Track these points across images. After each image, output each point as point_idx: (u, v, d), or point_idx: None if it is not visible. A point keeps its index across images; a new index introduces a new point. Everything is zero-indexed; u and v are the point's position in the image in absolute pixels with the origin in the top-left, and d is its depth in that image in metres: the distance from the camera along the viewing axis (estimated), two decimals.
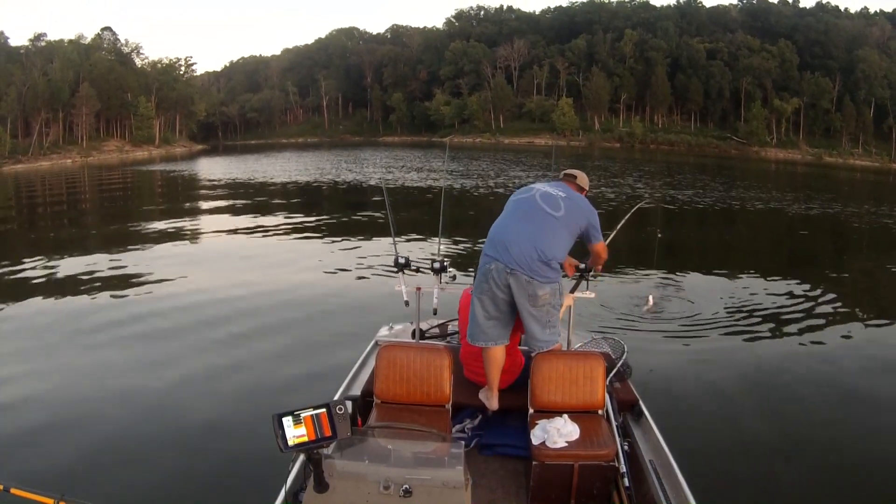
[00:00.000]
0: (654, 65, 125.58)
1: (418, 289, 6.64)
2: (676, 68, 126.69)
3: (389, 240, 8.45)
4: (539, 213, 5.14)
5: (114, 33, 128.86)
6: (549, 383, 4.97)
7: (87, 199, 41.52)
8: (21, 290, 13.97)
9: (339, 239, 20.48)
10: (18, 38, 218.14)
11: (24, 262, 17.06)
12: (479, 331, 5.23)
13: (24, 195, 45.11)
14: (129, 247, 19.71)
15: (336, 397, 5.40)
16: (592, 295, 6.39)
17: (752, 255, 19.28)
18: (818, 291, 14.03)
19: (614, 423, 4.92)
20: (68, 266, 16.77)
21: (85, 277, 15.34)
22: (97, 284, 14.49)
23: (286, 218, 25.83)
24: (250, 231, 22.59)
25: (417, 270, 6.73)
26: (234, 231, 22.73)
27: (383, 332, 7.22)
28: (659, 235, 17.15)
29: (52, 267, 16.64)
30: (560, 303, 5.31)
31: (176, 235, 22.12)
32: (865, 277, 16.32)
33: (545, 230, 5.07)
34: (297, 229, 22.69)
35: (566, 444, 4.53)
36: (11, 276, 15.74)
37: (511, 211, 5.34)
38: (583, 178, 5.72)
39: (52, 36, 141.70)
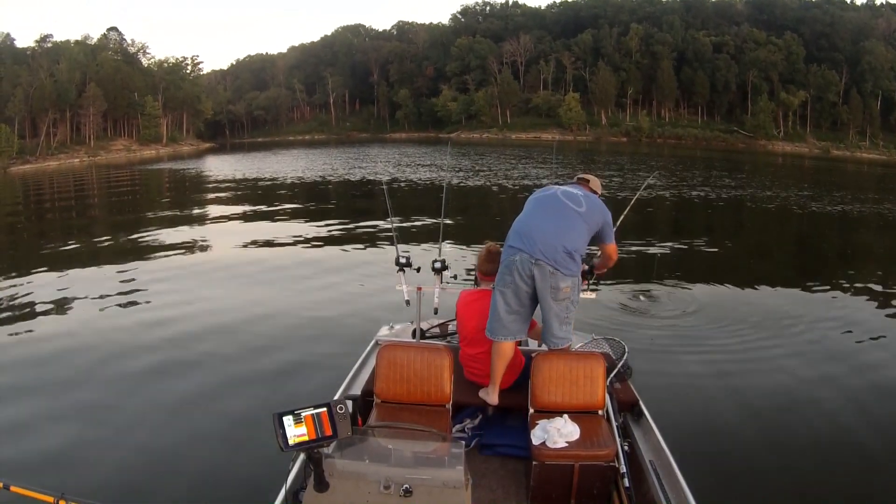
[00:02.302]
0: (660, 59, 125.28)
1: (419, 288, 6.67)
2: (682, 62, 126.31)
3: (391, 239, 8.47)
4: (563, 208, 5.25)
5: (120, 33, 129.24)
6: (549, 383, 4.98)
7: (96, 198, 41.56)
8: (25, 295, 13.98)
9: (341, 238, 20.51)
10: (24, 40, 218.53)
11: (30, 262, 17.12)
12: (499, 325, 5.25)
13: (33, 195, 45.24)
14: (136, 245, 19.87)
15: (336, 397, 5.43)
16: (593, 295, 6.41)
17: (759, 254, 19.15)
18: (825, 289, 13.97)
19: (614, 424, 4.92)
20: (73, 264, 16.88)
21: (89, 278, 15.41)
22: (102, 284, 14.51)
23: (290, 216, 25.90)
24: (254, 230, 22.55)
25: (418, 270, 6.76)
26: (239, 229, 22.82)
27: (384, 331, 7.21)
28: (658, 255, 16.99)
29: (59, 266, 16.68)
30: (578, 299, 5.36)
31: (182, 233, 22.14)
32: (875, 275, 16.18)
33: (569, 223, 5.19)
34: (300, 227, 22.68)
35: (566, 445, 4.55)
36: (17, 274, 15.78)
37: (534, 207, 5.43)
38: (595, 182, 5.82)
39: (58, 37, 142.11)
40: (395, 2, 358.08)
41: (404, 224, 20.80)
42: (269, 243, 19.55)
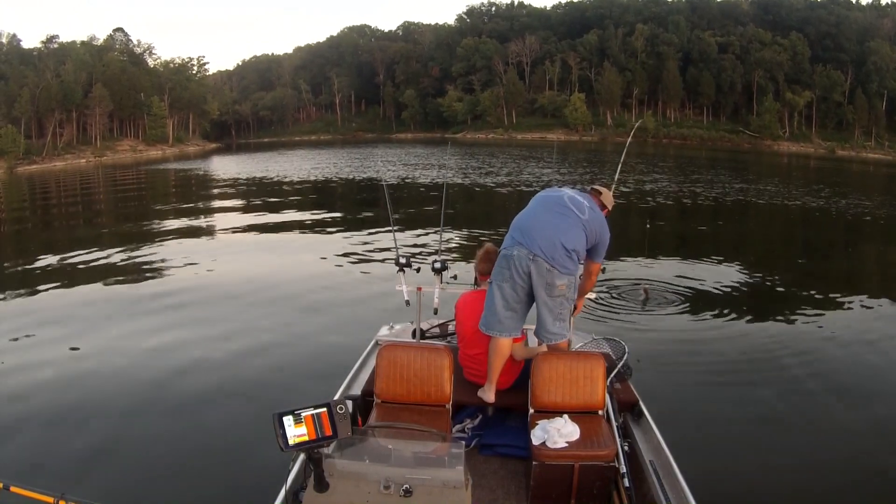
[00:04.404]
0: (666, 59, 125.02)
1: (419, 288, 6.69)
2: (688, 62, 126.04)
3: (392, 239, 8.50)
4: (566, 210, 5.28)
5: (126, 34, 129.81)
6: (549, 383, 4.98)
7: (102, 198, 41.71)
8: (30, 293, 14.06)
9: (342, 238, 20.47)
10: (30, 41, 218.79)
11: (36, 262, 17.16)
12: (495, 320, 5.27)
13: (39, 195, 45.37)
14: (141, 243, 19.90)
15: (336, 397, 5.44)
16: (593, 295, 6.43)
17: (763, 254, 19.12)
18: (829, 290, 13.90)
19: (614, 424, 4.93)
20: (78, 265, 16.91)
21: (92, 276, 15.49)
22: (104, 286, 14.59)
23: (292, 217, 25.89)
24: (256, 230, 22.65)
25: (418, 270, 6.78)
26: (242, 229, 22.85)
27: (384, 331, 7.21)
28: (647, 226, 17.14)
29: (64, 265, 16.75)
30: (574, 297, 5.39)
31: (185, 233, 22.28)
32: (879, 273, 16.09)
33: (570, 225, 5.21)
34: (301, 228, 22.78)
35: (566, 445, 4.55)
36: (22, 275, 15.81)
37: (538, 204, 5.47)
38: (608, 197, 5.83)
39: (64, 38, 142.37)
40: (401, 2, 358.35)
41: (405, 224, 20.84)
42: (270, 243, 19.57)
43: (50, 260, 17.67)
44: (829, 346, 10.16)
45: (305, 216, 25.88)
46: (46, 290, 14.23)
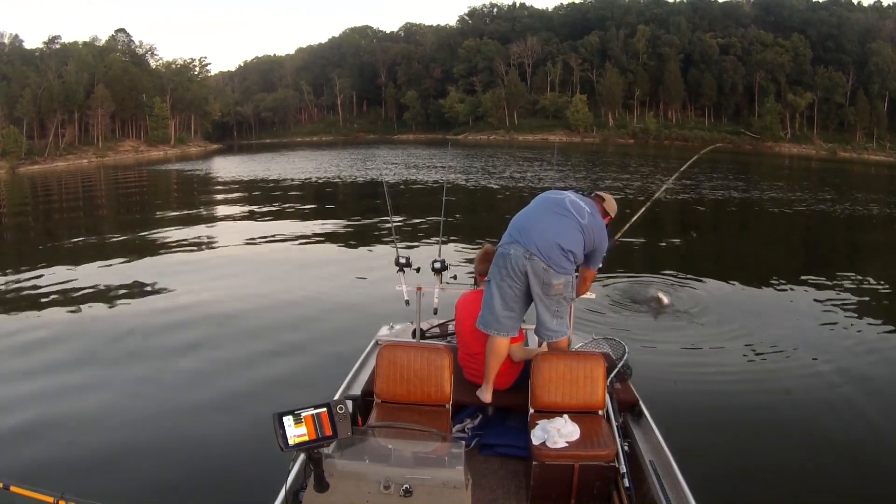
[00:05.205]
0: (667, 60, 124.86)
1: (419, 288, 6.68)
2: (689, 64, 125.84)
3: (392, 239, 8.48)
4: (567, 213, 5.27)
5: (128, 35, 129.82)
6: (549, 383, 4.98)
7: (104, 198, 41.78)
8: (32, 297, 14.04)
9: (343, 238, 20.56)
10: (33, 41, 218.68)
11: (37, 266, 17.11)
12: (493, 318, 5.26)
13: (41, 195, 45.42)
14: (142, 246, 19.96)
15: (336, 397, 5.45)
16: (593, 295, 6.42)
17: (764, 255, 19.09)
18: (831, 291, 13.85)
19: (614, 424, 4.92)
20: (79, 262, 16.95)
21: (93, 277, 15.44)
22: (105, 285, 14.56)
23: (293, 217, 25.97)
24: (257, 230, 22.50)
25: (418, 270, 6.76)
26: (242, 230, 22.79)
27: (384, 331, 7.22)
28: (694, 235, 16.97)
29: (64, 261, 16.77)
30: (572, 296, 5.39)
31: (187, 234, 22.19)
32: (884, 278, 16.01)
33: (568, 227, 5.20)
34: (302, 228, 22.71)
35: (566, 445, 4.54)
36: (24, 283, 15.79)
37: (540, 203, 5.47)
38: (611, 204, 5.76)
39: (66, 38, 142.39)
40: (402, 3, 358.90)
41: (406, 224, 20.91)
42: (270, 244, 19.58)
43: (50, 259, 17.67)
44: (834, 349, 10.12)
45: (305, 217, 25.93)
46: (45, 290, 14.24)
